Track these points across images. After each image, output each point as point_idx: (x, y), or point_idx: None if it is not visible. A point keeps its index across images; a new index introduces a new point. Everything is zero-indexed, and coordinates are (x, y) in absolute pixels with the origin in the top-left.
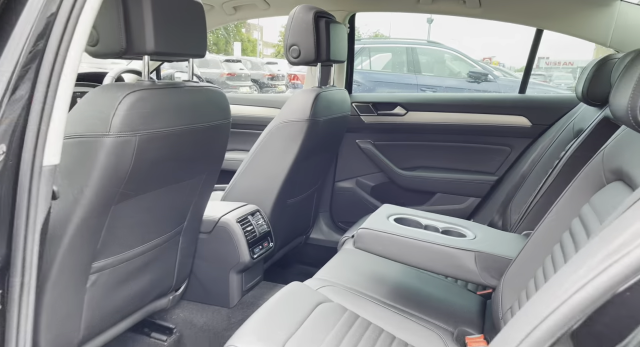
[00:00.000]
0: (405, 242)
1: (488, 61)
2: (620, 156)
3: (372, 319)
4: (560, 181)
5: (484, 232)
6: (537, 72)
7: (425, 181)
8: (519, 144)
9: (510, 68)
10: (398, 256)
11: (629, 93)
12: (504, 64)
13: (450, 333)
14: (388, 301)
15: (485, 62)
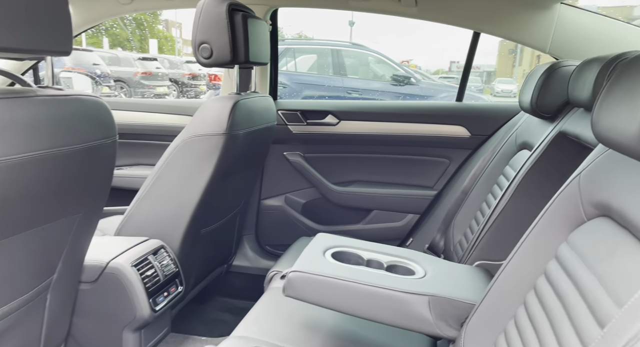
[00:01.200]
0: (346, 286)
1: (406, 64)
2: (604, 186)
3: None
4: (514, 203)
5: (435, 267)
6: (451, 75)
7: (360, 197)
8: (457, 155)
9: (427, 71)
10: (338, 305)
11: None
12: (420, 67)
13: None
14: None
15: (403, 64)
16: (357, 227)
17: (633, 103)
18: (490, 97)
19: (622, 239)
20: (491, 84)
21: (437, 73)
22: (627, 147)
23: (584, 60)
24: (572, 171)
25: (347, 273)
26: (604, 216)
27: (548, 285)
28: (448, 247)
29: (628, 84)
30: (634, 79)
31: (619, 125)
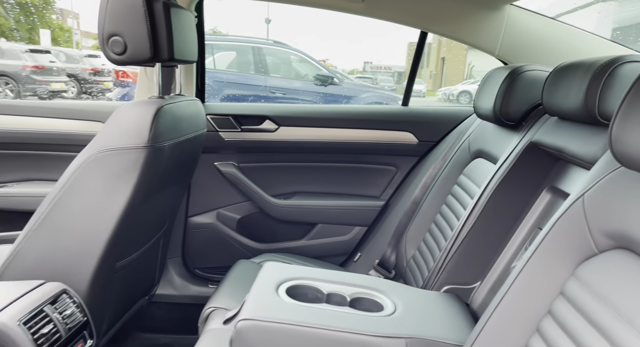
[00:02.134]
0: (309, 334)
1: (322, 63)
2: (619, 213)
3: None
4: (484, 220)
5: (404, 298)
6: (366, 75)
7: (303, 211)
8: (405, 163)
9: (343, 71)
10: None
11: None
12: (336, 66)
13: None
14: None
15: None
16: (300, 244)
17: None
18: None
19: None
20: (402, 83)
21: (353, 73)
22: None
23: (559, 65)
24: (544, 184)
25: (308, 316)
26: (621, 248)
27: (557, 327)
28: (400, 263)
29: None
30: None
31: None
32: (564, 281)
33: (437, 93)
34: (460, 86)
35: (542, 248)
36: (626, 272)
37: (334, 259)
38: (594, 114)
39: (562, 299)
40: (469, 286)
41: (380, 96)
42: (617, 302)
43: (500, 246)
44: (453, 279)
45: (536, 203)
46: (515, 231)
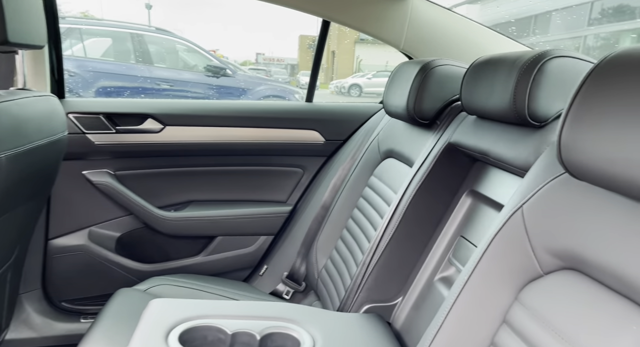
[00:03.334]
0: None
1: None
2: (566, 230)
3: None
4: (404, 228)
5: (323, 327)
6: (259, 67)
7: (198, 223)
8: (312, 164)
9: (235, 62)
10: None
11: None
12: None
13: None
14: None
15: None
16: (197, 260)
17: None
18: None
19: (603, 297)
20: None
21: (245, 64)
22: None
23: (477, 60)
24: (463, 187)
25: None
26: (569, 269)
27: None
28: (311, 274)
29: (629, 97)
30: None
31: (625, 155)
32: (507, 307)
33: (330, 86)
34: (351, 79)
35: (480, 270)
36: (576, 297)
37: (237, 274)
38: (523, 115)
39: (506, 328)
40: (390, 302)
41: (275, 89)
42: (566, 330)
43: (422, 256)
44: (373, 296)
45: (457, 208)
46: (436, 239)
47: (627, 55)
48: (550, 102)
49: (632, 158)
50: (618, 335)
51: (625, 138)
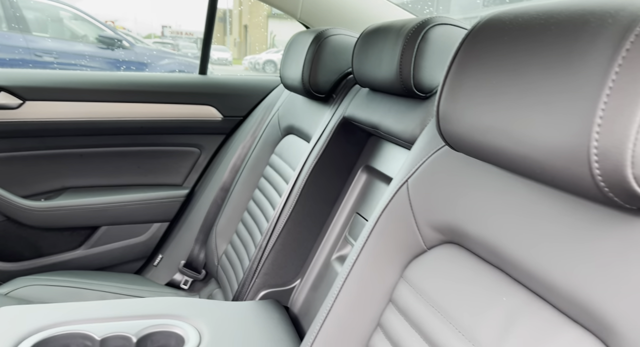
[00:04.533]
0: None
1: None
2: (446, 203)
3: None
4: (301, 208)
5: (212, 320)
6: (165, 40)
7: (77, 212)
8: (209, 143)
9: (138, 35)
10: None
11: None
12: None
13: None
14: None
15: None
16: (77, 255)
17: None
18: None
19: (479, 270)
20: None
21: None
22: (527, 160)
23: (367, 29)
24: (359, 163)
25: None
26: (450, 243)
27: (388, 343)
28: (211, 261)
29: (499, 65)
30: (508, 55)
31: (502, 127)
32: (393, 285)
33: (243, 61)
34: (265, 55)
35: (368, 248)
36: (455, 271)
37: (127, 267)
38: (409, 86)
39: (392, 308)
40: (288, 286)
41: (181, 63)
42: (446, 307)
43: (320, 235)
44: (270, 281)
45: (352, 185)
46: (333, 217)
47: (498, 20)
48: (434, 72)
49: (502, 127)
50: (489, 307)
51: (496, 106)
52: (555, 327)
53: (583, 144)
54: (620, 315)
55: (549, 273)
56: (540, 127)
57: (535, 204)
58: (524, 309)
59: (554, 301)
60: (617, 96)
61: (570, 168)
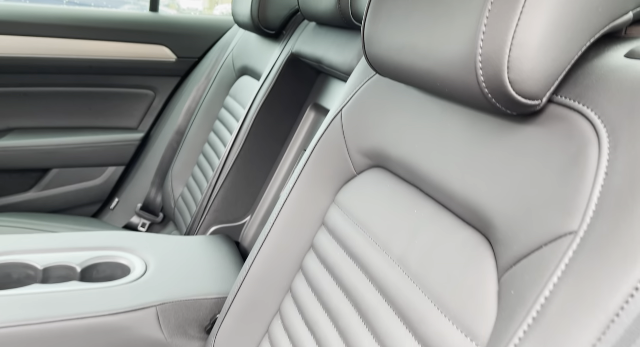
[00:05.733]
0: (4, 337)
1: None
2: (373, 129)
3: None
4: (250, 147)
5: (159, 253)
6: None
7: (23, 154)
8: (164, 85)
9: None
10: None
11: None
12: None
13: None
14: None
15: None
16: (28, 197)
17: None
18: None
19: (398, 190)
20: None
21: None
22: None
23: None
24: (308, 101)
25: (4, 310)
26: (377, 167)
27: (319, 263)
28: (168, 204)
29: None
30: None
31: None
32: (325, 210)
33: (215, 12)
34: None
35: (305, 175)
36: (379, 192)
37: (83, 211)
38: (347, 16)
39: (323, 230)
40: (238, 222)
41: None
42: (368, 224)
43: (269, 174)
44: (221, 217)
45: (302, 123)
46: (283, 155)
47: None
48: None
49: (412, 44)
50: (402, 220)
51: (409, 25)
52: (452, 231)
53: (472, 52)
54: (498, 211)
55: (450, 183)
56: (442, 41)
57: (445, 122)
58: (429, 218)
59: (453, 208)
60: (498, 4)
61: (462, 78)
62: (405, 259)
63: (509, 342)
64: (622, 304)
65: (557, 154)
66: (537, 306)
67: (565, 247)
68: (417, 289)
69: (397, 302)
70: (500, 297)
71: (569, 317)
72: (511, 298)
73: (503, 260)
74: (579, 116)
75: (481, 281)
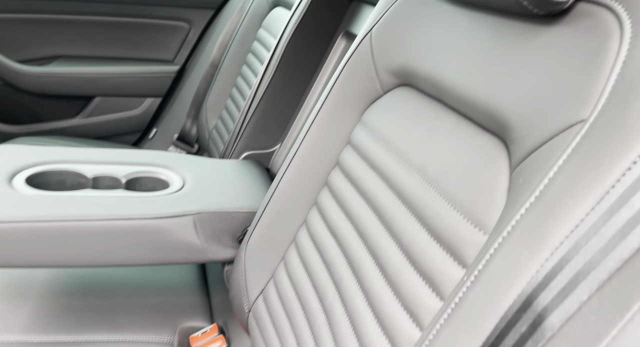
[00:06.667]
0: (59, 230)
1: None
2: (401, 47)
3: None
4: (280, 76)
5: (195, 171)
6: None
7: (71, 81)
8: (198, 18)
9: None
10: (51, 261)
11: None
12: None
13: (169, 346)
14: (34, 338)
15: None
16: (74, 123)
17: None
18: None
19: (423, 105)
20: None
21: None
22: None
23: None
24: (339, 29)
25: (57, 207)
26: (404, 85)
27: (342, 177)
28: (202, 135)
29: None
30: None
31: None
32: (351, 129)
33: None
34: None
35: (332, 96)
36: (403, 109)
37: (123, 138)
38: None
39: (348, 148)
40: (268, 149)
41: None
42: (392, 139)
43: (299, 103)
44: (252, 144)
45: (332, 52)
46: (312, 85)
47: None
48: None
49: None
50: (423, 131)
51: None
52: (470, 138)
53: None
54: (515, 112)
55: (474, 92)
56: None
57: (473, 33)
58: (450, 129)
59: (474, 116)
60: None
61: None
62: (424, 166)
63: (510, 220)
64: (619, 177)
65: (580, 49)
66: (540, 187)
67: (573, 134)
68: (433, 191)
69: (413, 203)
70: (510, 190)
71: (568, 193)
72: (518, 186)
73: (516, 157)
74: (604, 10)
75: (494, 179)
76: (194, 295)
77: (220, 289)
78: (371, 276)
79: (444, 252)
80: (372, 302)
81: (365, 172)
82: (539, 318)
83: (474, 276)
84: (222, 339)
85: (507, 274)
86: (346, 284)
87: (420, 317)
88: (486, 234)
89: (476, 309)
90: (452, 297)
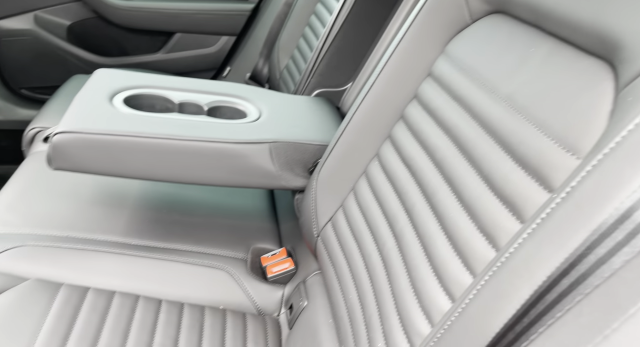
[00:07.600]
0: (154, 146)
1: None
2: None
3: (112, 284)
4: (356, 13)
5: (271, 104)
6: None
7: (155, 15)
8: None
9: None
10: (144, 173)
11: None
12: None
13: (242, 262)
14: (131, 241)
15: None
16: (156, 58)
17: None
18: None
19: (518, 33)
20: None
21: None
22: None
23: None
24: None
25: (151, 126)
26: (496, 12)
27: (420, 109)
28: (274, 75)
29: None
30: None
31: None
32: (433, 60)
33: None
34: None
35: (414, 27)
36: (495, 38)
37: (200, 75)
38: None
39: (429, 80)
40: (340, 88)
41: None
42: (482, 71)
43: (374, 40)
44: (324, 82)
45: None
46: (390, 19)
47: None
48: None
49: None
50: (517, 59)
51: None
52: (570, 62)
53: None
54: (628, 30)
55: (578, 12)
56: None
57: None
58: (547, 54)
59: (577, 39)
60: None
61: None
62: (513, 94)
63: (614, 137)
64: None
65: None
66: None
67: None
68: (522, 118)
69: (498, 131)
70: (614, 111)
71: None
72: (626, 104)
73: (624, 77)
74: None
75: (595, 103)
76: (264, 221)
77: (288, 217)
78: (446, 201)
79: (529, 178)
80: (446, 226)
81: (446, 103)
82: (638, 227)
83: (566, 193)
84: (290, 261)
85: (605, 190)
86: (419, 210)
87: (497, 239)
88: (579, 159)
89: (565, 224)
90: (536, 216)
